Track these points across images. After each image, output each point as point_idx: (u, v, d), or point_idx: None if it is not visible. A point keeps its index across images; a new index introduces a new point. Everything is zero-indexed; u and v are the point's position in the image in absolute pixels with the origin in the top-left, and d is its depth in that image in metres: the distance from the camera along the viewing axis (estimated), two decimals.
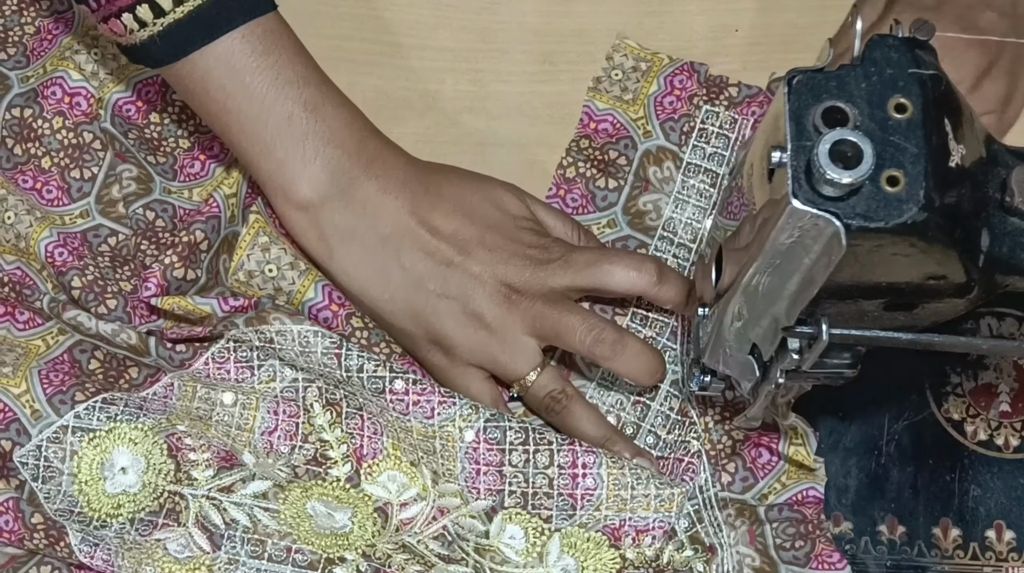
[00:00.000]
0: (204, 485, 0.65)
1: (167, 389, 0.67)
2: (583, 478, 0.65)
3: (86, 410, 0.65)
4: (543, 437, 0.65)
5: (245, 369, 0.68)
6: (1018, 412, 0.71)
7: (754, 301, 0.51)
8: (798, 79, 0.46)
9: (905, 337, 0.50)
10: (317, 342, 0.67)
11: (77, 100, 0.73)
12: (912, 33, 0.47)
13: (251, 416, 0.67)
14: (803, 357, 0.52)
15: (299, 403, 0.66)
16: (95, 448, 0.65)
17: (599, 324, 0.66)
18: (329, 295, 0.68)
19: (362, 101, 0.78)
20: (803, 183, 0.44)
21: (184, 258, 0.68)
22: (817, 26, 0.78)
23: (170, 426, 0.66)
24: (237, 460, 0.66)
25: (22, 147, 0.73)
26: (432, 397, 0.66)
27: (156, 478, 0.65)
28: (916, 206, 0.44)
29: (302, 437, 0.66)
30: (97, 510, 0.65)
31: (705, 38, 0.79)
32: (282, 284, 0.69)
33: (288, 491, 0.65)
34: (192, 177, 0.74)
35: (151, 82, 0.75)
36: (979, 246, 0.47)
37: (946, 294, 0.49)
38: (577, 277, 0.67)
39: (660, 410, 0.70)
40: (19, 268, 0.71)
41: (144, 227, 0.72)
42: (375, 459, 0.66)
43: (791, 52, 0.78)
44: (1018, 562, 0.69)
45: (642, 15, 0.78)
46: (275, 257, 0.70)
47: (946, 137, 0.45)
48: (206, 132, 0.74)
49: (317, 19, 0.79)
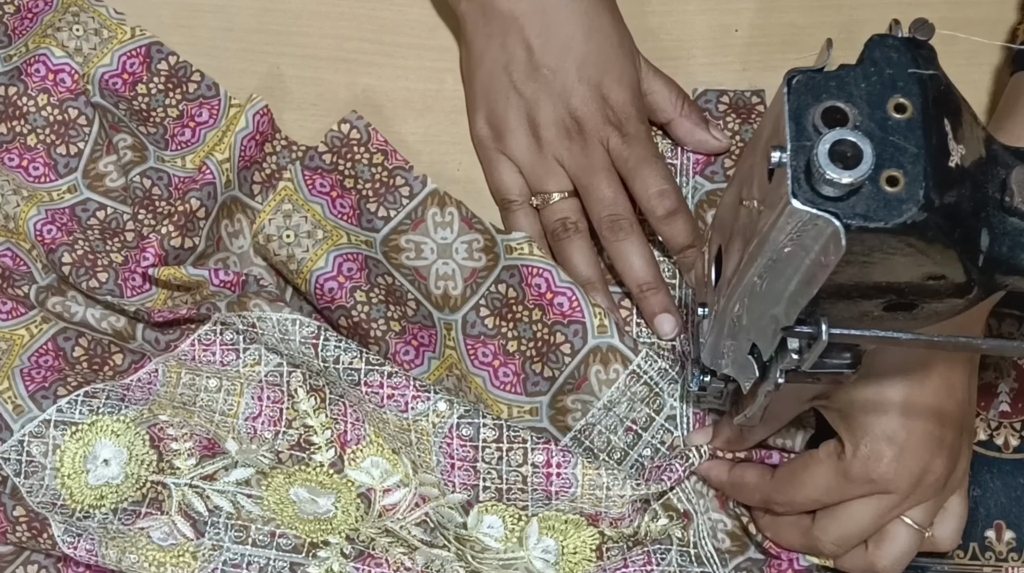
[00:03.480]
0: (187, 474, 0.65)
1: (151, 375, 0.68)
2: (556, 477, 0.65)
3: (68, 404, 0.66)
4: (517, 435, 0.65)
5: (231, 351, 0.68)
6: (1018, 412, 0.71)
7: (754, 301, 0.51)
8: (798, 79, 0.46)
9: (905, 337, 0.50)
10: (295, 331, 0.67)
11: (61, 77, 0.73)
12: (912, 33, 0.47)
13: (235, 402, 0.67)
14: (803, 357, 0.52)
15: (283, 388, 0.67)
16: (77, 441, 0.65)
17: (619, 210, 0.70)
18: (339, 267, 0.69)
19: (362, 101, 0.78)
20: (803, 183, 0.44)
21: (181, 227, 0.69)
22: (817, 26, 0.78)
23: (152, 417, 0.66)
24: (220, 448, 0.66)
25: (7, 125, 0.73)
26: (406, 391, 0.66)
27: (139, 469, 0.65)
28: (916, 206, 0.44)
29: (286, 422, 0.66)
30: (80, 502, 0.65)
31: (705, 38, 0.79)
32: (296, 251, 0.70)
33: (271, 478, 0.66)
34: (183, 145, 0.74)
35: (134, 53, 0.75)
36: (979, 246, 0.47)
37: (946, 294, 0.49)
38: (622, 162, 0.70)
39: (651, 442, 0.69)
40: (9, 249, 0.71)
41: (142, 195, 0.72)
42: (358, 445, 0.66)
43: (791, 52, 0.78)
44: (1018, 562, 0.69)
45: (642, 15, 0.78)
46: (295, 224, 0.71)
47: (946, 137, 0.45)
48: (193, 99, 0.75)
49: (317, 19, 0.79)
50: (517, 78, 0.72)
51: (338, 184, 0.73)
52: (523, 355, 0.71)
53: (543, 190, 0.72)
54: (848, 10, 0.79)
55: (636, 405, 0.69)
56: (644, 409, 0.69)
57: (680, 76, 0.78)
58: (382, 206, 0.73)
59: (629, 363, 0.69)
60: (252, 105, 0.73)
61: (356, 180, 0.74)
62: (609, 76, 0.71)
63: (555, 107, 0.71)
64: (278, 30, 0.79)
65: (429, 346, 0.70)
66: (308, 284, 0.70)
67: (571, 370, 0.70)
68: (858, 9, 0.79)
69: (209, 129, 0.75)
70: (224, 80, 0.77)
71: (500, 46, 0.72)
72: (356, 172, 0.74)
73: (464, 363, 0.71)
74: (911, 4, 0.76)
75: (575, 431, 0.69)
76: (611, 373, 0.69)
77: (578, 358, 0.70)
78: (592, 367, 0.70)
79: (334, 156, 0.74)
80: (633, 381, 0.69)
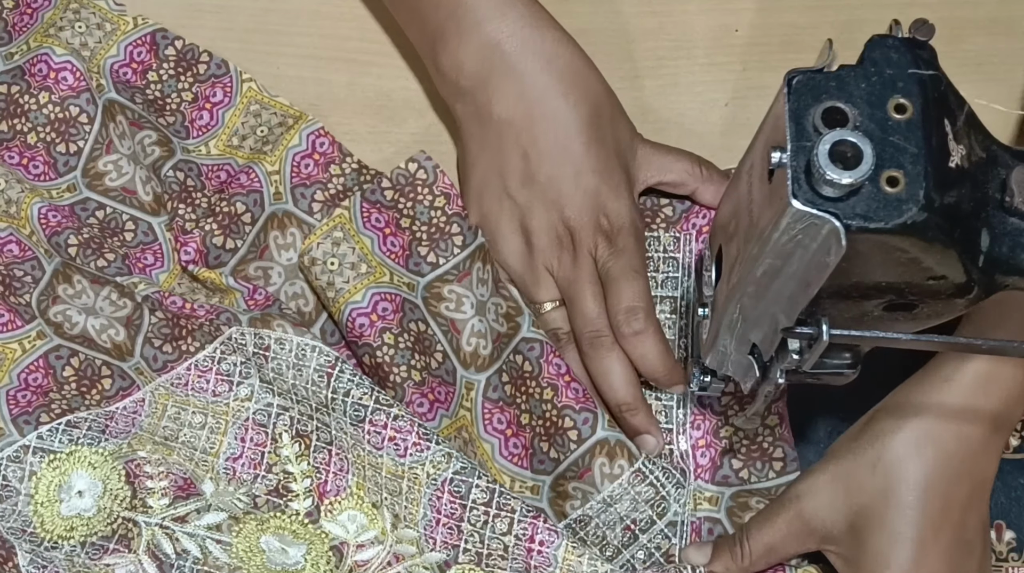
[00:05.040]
0: (159, 513, 0.65)
1: (137, 405, 0.67)
2: (538, 554, 0.64)
3: (49, 431, 0.65)
4: (507, 503, 0.64)
5: (224, 382, 0.68)
6: None
7: (754, 301, 0.51)
8: (798, 79, 0.46)
9: (905, 337, 0.50)
10: (312, 357, 0.67)
11: (63, 75, 0.73)
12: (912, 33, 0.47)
13: (218, 440, 0.67)
14: (803, 357, 0.52)
15: (268, 430, 0.66)
16: (54, 470, 0.65)
17: (601, 326, 0.68)
18: (375, 304, 0.69)
19: (362, 101, 0.78)
20: (803, 183, 0.44)
21: (224, 227, 0.70)
22: (817, 26, 0.78)
23: (131, 451, 0.65)
24: (195, 489, 0.65)
25: (8, 123, 0.73)
26: (408, 436, 0.65)
27: (111, 503, 0.65)
28: (916, 206, 0.44)
29: (267, 466, 0.66)
30: (50, 532, 0.64)
31: (705, 38, 0.79)
32: (336, 279, 0.70)
33: (243, 523, 0.65)
34: (203, 130, 0.75)
35: (140, 42, 0.76)
36: (979, 246, 0.47)
37: (946, 294, 0.49)
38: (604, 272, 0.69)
39: (646, 545, 0.68)
40: (11, 235, 0.70)
41: (179, 190, 0.72)
42: (337, 497, 0.66)
43: (791, 52, 0.78)
44: (1018, 562, 0.69)
45: (642, 15, 0.78)
46: (342, 253, 0.70)
47: (946, 137, 0.45)
48: (204, 80, 0.75)
49: (317, 19, 0.79)
50: (511, 184, 0.70)
51: (394, 222, 0.72)
52: (532, 429, 0.69)
53: (534, 300, 0.71)
54: (848, 10, 0.79)
55: (640, 505, 0.67)
56: (647, 510, 0.67)
57: (680, 76, 0.78)
58: (432, 251, 0.71)
59: (635, 460, 0.67)
60: (308, 124, 0.74)
61: (412, 221, 0.72)
62: (606, 185, 0.69)
63: (549, 215, 0.69)
64: (278, 30, 0.79)
65: (444, 403, 0.69)
66: (341, 314, 0.69)
67: (575, 458, 0.67)
68: (858, 9, 0.79)
69: (225, 109, 0.75)
70: None
71: (495, 151, 0.70)
72: (415, 213, 0.72)
73: (476, 426, 0.69)
74: (911, 4, 0.76)
75: (570, 519, 0.67)
76: (615, 468, 0.67)
77: (583, 447, 0.67)
78: (597, 459, 0.67)
79: (396, 193, 0.72)
80: (638, 480, 0.67)
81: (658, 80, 0.78)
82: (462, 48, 0.69)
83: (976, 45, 0.78)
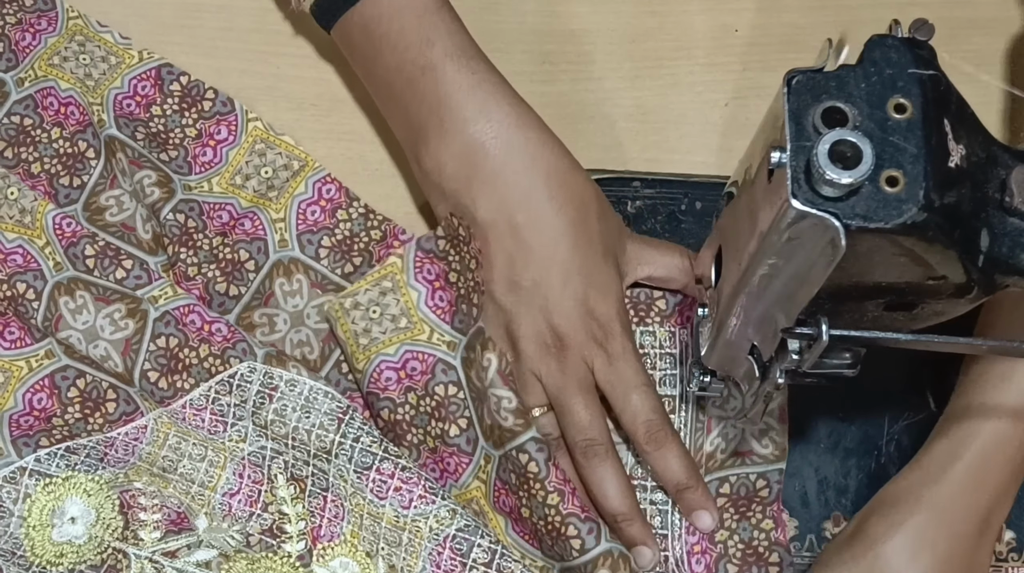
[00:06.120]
0: (149, 546, 0.64)
1: (140, 431, 0.67)
2: None
3: (47, 455, 0.65)
4: (507, 566, 0.63)
5: (219, 422, 0.67)
6: None
7: (754, 302, 0.51)
8: (797, 79, 0.46)
9: (905, 337, 0.50)
10: (324, 402, 0.66)
11: (71, 110, 0.73)
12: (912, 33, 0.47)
13: (216, 474, 0.66)
14: (803, 357, 0.52)
15: (264, 471, 0.66)
16: (49, 494, 0.65)
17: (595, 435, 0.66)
18: (405, 362, 0.68)
19: (362, 101, 0.78)
20: (802, 183, 0.44)
21: (227, 274, 0.69)
22: (817, 26, 0.78)
23: (127, 481, 0.65)
24: (188, 524, 0.65)
25: (13, 151, 0.73)
26: (415, 489, 0.64)
27: (103, 532, 0.64)
28: (916, 206, 0.44)
29: (262, 505, 0.66)
30: (40, 556, 0.64)
31: (705, 38, 0.79)
32: (374, 329, 0.69)
33: (233, 562, 0.64)
34: (206, 166, 0.74)
35: (145, 76, 0.75)
36: (979, 246, 0.47)
37: (946, 294, 0.49)
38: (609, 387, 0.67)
39: None
40: (21, 246, 0.70)
41: (179, 233, 0.72)
42: (331, 542, 0.65)
43: (791, 52, 0.78)
44: (1018, 562, 0.69)
45: (642, 15, 0.78)
46: (386, 303, 0.69)
47: (945, 137, 0.45)
48: (209, 117, 0.75)
49: None
50: (497, 289, 0.67)
51: (443, 275, 0.70)
52: (533, 525, 0.67)
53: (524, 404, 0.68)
54: (848, 10, 0.79)
55: None
56: None
57: (680, 76, 0.78)
58: (476, 307, 0.69)
59: None
60: (314, 173, 0.73)
61: (460, 275, 0.70)
62: (594, 289, 0.67)
63: (535, 321, 0.67)
64: (278, 30, 0.79)
65: (454, 474, 0.68)
66: (370, 363, 0.68)
67: (579, 564, 0.65)
68: (858, 9, 0.79)
69: (230, 147, 0.74)
70: (224, 80, 0.77)
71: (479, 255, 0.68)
72: (462, 267, 0.70)
73: (490, 499, 0.68)
74: (911, 4, 0.76)
75: None
76: None
77: (587, 556, 0.65)
78: (600, 570, 0.65)
79: (447, 244, 0.70)
80: None
81: (658, 80, 0.78)
82: (444, 148, 0.67)
83: (976, 45, 0.78)
